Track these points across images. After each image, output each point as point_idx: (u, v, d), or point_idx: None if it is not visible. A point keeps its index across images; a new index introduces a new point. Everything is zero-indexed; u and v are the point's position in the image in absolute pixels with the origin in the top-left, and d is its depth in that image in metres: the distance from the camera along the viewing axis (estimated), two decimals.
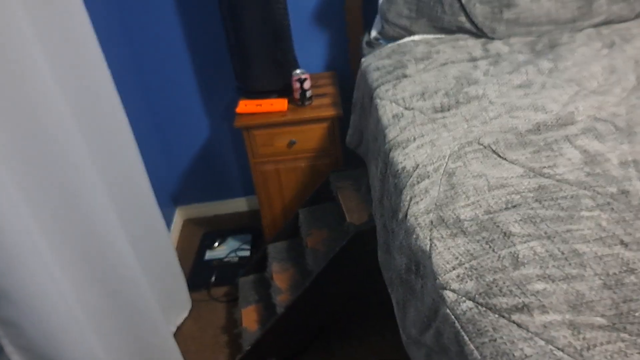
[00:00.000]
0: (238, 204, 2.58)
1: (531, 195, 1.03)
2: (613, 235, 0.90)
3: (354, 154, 2.01)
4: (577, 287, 0.82)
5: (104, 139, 1.52)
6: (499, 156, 1.17)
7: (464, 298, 0.87)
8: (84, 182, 1.32)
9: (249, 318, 1.85)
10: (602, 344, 0.73)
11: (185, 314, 2.03)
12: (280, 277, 1.85)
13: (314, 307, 1.71)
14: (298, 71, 1.96)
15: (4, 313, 1.09)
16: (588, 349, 0.73)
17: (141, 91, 2.22)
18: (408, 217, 1.11)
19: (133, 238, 1.59)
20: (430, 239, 1.01)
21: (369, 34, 1.96)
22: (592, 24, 1.75)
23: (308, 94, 1.98)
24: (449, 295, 0.89)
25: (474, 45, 1.73)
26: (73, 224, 1.30)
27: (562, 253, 0.88)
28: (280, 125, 1.96)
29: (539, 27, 1.75)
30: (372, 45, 1.92)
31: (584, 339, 0.74)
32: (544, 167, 1.11)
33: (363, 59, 1.84)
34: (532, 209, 0.99)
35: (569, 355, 0.72)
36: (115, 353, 1.46)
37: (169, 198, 2.48)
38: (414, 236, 1.06)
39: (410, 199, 1.15)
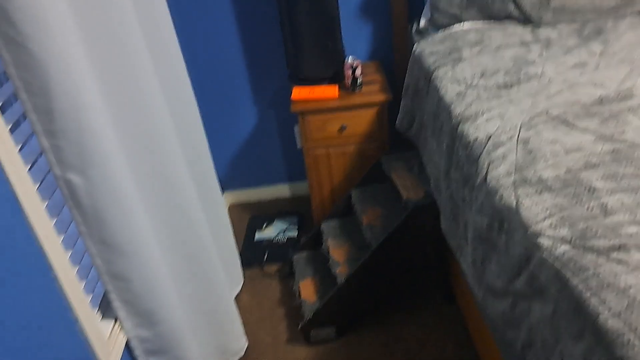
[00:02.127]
0: (281, 190, 2.67)
1: (608, 157, 1.12)
2: None
3: (400, 139, 2.11)
4: None
5: (185, 124, 1.61)
6: (569, 125, 1.27)
7: (559, 243, 0.96)
8: (175, 165, 1.42)
9: (307, 290, 1.94)
10: None
11: (238, 289, 2.12)
12: (336, 252, 1.94)
13: (373, 278, 1.80)
14: (350, 58, 2.05)
15: (116, 268, 1.18)
16: None
17: (192, 77, 2.31)
18: (488, 180, 1.21)
19: (204, 212, 1.68)
20: (516, 197, 1.11)
21: (418, 22, 2.05)
22: (634, 12, 1.84)
23: (359, 80, 2.07)
24: (544, 242, 0.98)
25: (522, 31, 1.82)
26: (165, 195, 1.39)
27: None
28: (333, 110, 2.05)
29: (584, 15, 1.84)
30: (421, 33, 2.02)
31: None
32: (613, 133, 1.21)
33: (415, 45, 1.93)
34: (611, 168, 1.09)
35: None
36: (189, 313, 1.54)
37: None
38: (498, 196, 1.15)
39: (489, 164, 1.24)
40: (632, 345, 0.76)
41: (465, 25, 1.92)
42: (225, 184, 2.64)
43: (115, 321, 1.27)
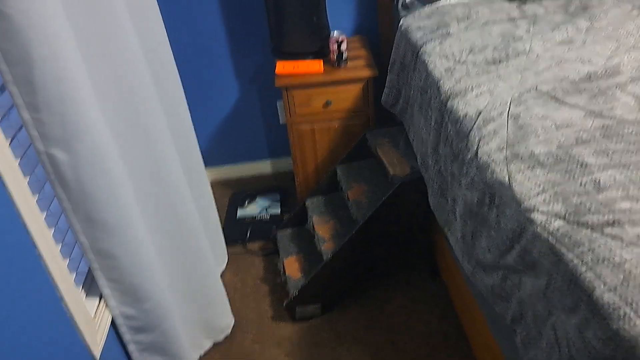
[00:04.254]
0: (263, 166, 2.64)
1: (598, 133, 1.13)
2: None
3: (385, 114, 2.09)
4: None
5: (170, 98, 1.56)
6: (558, 101, 1.27)
7: (553, 218, 0.97)
8: (162, 139, 1.38)
9: (292, 267, 1.93)
10: None
11: (223, 266, 2.11)
12: (322, 228, 1.93)
13: (358, 254, 1.80)
14: (336, 33, 2.01)
15: (101, 245, 1.15)
16: None
17: (173, 51, 2.24)
18: (479, 155, 1.20)
19: (189, 187, 1.65)
20: (508, 172, 1.11)
21: None
22: None
23: (344, 55, 2.04)
24: (538, 217, 0.98)
25: (509, 7, 1.81)
26: (151, 170, 1.36)
27: None
28: (318, 85, 2.02)
29: None
30: (408, 7, 1.98)
31: None
32: (602, 109, 1.21)
33: (402, 20, 1.91)
34: (601, 144, 1.10)
35: None
36: (176, 290, 1.52)
37: None
38: (489, 172, 1.15)
39: (479, 140, 1.23)
40: (627, 318, 0.77)
41: (452, 1, 1.90)
42: (207, 161, 2.59)
43: (100, 299, 1.24)
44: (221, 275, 2.07)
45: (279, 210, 2.35)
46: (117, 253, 1.17)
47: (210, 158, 2.59)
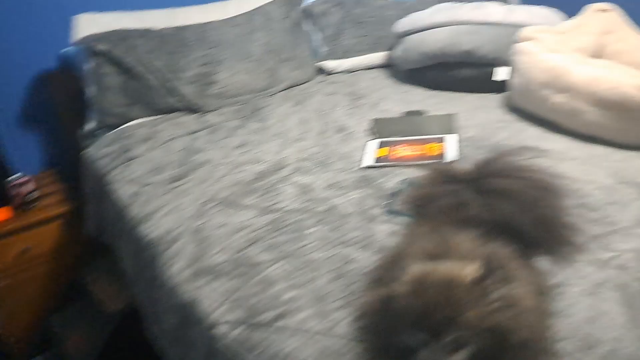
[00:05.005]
0: None
1: (267, 228, 1.23)
2: (333, 240, 1.16)
3: (99, 244, 1.97)
4: (317, 285, 1.03)
5: None
6: (235, 206, 1.36)
7: (234, 326, 1.00)
8: None
9: None
10: (343, 319, 0.94)
11: None
12: None
13: None
14: (15, 176, 1.84)
15: None
16: (335, 326, 0.93)
17: None
18: (169, 278, 1.19)
19: None
20: (194, 290, 1.12)
21: (86, 126, 1.96)
22: (280, 89, 2.11)
23: (32, 196, 1.87)
24: (220, 330, 1.00)
25: (190, 120, 1.91)
26: None
27: (300, 265, 1.09)
28: (8, 235, 1.79)
29: (241, 97, 2.03)
30: (91, 136, 1.93)
31: (331, 320, 0.94)
32: (271, 204, 1.34)
33: (85, 151, 1.85)
34: (270, 239, 1.19)
35: (323, 335, 0.91)
36: None
37: None
38: (179, 293, 1.15)
39: (167, 262, 1.23)
40: None
41: (135, 122, 1.91)
42: None
43: None
44: None
45: None
46: None
47: None
